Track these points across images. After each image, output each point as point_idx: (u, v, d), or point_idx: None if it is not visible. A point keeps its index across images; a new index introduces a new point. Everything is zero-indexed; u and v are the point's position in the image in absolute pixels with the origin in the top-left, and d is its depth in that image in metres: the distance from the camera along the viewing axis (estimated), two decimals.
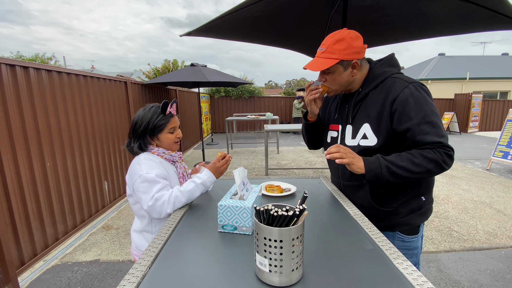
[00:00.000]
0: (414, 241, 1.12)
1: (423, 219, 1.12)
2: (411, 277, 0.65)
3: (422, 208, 1.10)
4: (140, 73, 10.83)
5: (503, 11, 1.82)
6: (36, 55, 12.81)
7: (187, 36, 2.51)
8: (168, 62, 10.21)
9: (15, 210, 2.17)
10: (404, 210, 1.09)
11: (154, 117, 1.18)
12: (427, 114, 0.97)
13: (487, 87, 14.11)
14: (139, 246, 1.23)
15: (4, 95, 2.11)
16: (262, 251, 0.64)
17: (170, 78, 5.03)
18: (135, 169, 1.14)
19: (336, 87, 1.11)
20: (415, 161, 0.95)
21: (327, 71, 1.08)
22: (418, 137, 0.96)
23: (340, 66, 1.05)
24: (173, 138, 1.24)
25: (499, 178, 4.83)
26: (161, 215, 1.08)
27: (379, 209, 1.10)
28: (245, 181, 1.01)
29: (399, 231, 1.11)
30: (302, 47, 3.20)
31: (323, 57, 1.05)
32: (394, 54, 1.13)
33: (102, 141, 3.43)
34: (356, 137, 1.10)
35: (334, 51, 1.03)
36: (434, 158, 0.94)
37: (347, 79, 1.08)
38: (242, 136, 11.06)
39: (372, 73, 1.10)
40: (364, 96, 1.10)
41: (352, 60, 1.05)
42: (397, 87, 1.01)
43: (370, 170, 0.98)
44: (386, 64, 1.11)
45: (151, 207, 1.07)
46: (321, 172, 5.36)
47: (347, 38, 1.02)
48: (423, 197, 1.10)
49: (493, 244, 2.65)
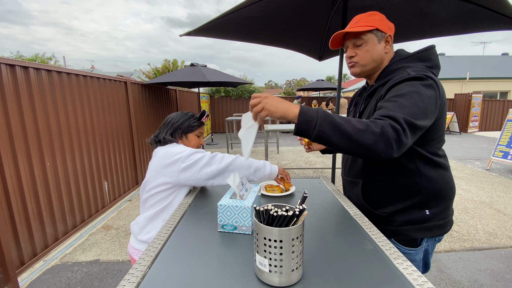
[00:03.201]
0: (411, 253, 1.00)
1: (425, 235, 0.98)
2: (411, 277, 0.65)
3: (424, 222, 0.97)
4: (140, 73, 10.84)
5: (503, 11, 1.82)
6: (36, 55, 12.82)
7: (187, 36, 2.51)
8: (168, 62, 10.22)
9: (15, 210, 2.17)
10: (401, 219, 0.99)
11: (191, 119, 1.37)
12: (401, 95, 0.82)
13: (487, 87, 14.12)
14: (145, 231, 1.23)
15: (4, 95, 2.11)
16: (262, 251, 0.64)
17: (170, 78, 5.03)
18: (175, 151, 1.20)
19: (366, 62, 0.99)
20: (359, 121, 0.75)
21: (360, 42, 0.98)
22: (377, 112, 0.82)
23: (375, 36, 0.97)
24: (198, 141, 1.41)
25: (499, 178, 4.83)
26: (221, 163, 1.17)
27: (371, 212, 1.03)
28: (243, 182, 1.01)
29: (394, 239, 1.01)
30: (302, 47, 3.20)
31: (358, 25, 0.96)
32: (433, 46, 0.98)
33: (102, 141, 3.43)
34: None
35: (369, 21, 0.96)
36: (380, 123, 0.74)
37: (379, 54, 0.98)
38: None
39: (388, 67, 1.00)
40: (374, 91, 1.03)
41: (387, 34, 0.97)
42: (395, 77, 0.91)
43: (303, 113, 0.75)
44: (414, 58, 0.97)
45: (212, 157, 1.18)
46: (321, 172, 5.36)
47: (379, 13, 0.98)
48: (428, 211, 0.96)
49: (493, 244, 2.65)
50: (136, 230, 1.26)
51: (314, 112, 0.75)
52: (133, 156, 4.25)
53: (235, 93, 11.51)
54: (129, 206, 3.71)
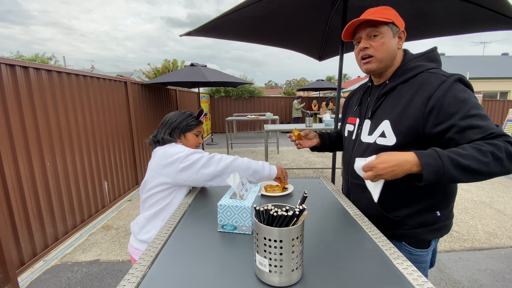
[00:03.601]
0: (423, 255, 1.00)
1: (435, 236, 0.99)
2: (411, 277, 0.65)
3: (435, 224, 0.97)
4: (140, 73, 10.84)
5: (503, 11, 1.82)
6: (36, 55, 12.83)
7: (187, 36, 2.51)
8: (168, 62, 10.22)
9: (15, 210, 2.17)
10: (413, 222, 0.97)
11: (189, 118, 1.37)
12: (472, 107, 0.82)
13: (487, 87, 14.12)
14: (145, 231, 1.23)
15: (4, 95, 2.11)
16: (262, 251, 0.64)
17: (170, 78, 5.03)
18: (173, 151, 1.19)
19: (381, 55, 0.96)
20: (481, 149, 0.75)
21: (375, 33, 0.95)
22: (468, 133, 0.80)
23: (390, 30, 0.95)
24: (196, 140, 1.40)
25: (499, 178, 4.83)
26: (218, 165, 1.16)
27: (384, 216, 1.00)
28: (243, 181, 1.01)
29: (405, 242, 1.00)
30: (302, 47, 3.20)
31: (375, 16, 0.94)
32: (436, 48, 1.00)
33: (102, 141, 3.43)
34: (373, 133, 0.99)
35: (385, 13, 0.94)
36: (502, 145, 0.75)
37: (394, 49, 0.97)
38: (242, 136, 11.06)
39: (405, 65, 0.98)
40: (391, 90, 0.99)
41: (400, 29, 0.97)
42: (433, 83, 0.87)
43: (427, 165, 0.75)
44: (424, 58, 0.98)
45: (209, 159, 1.17)
46: (321, 172, 5.36)
47: (393, 9, 0.97)
48: (438, 212, 0.96)
49: (493, 244, 2.65)
50: (136, 230, 1.26)
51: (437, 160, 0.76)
52: (133, 156, 4.25)
53: (235, 93, 11.51)
54: (129, 206, 3.71)
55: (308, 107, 11.68)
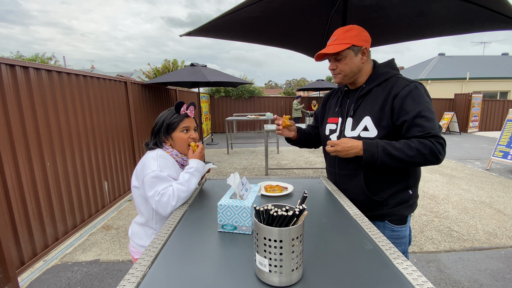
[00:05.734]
0: (403, 230, 1.22)
1: (410, 211, 1.22)
2: (411, 277, 0.65)
3: (409, 201, 1.20)
4: (140, 73, 10.84)
5: (503, 11, 1.82)
6: (36, 55, 12.82)
7: (187, 36, 2.51)
8: (168, 62, 10.21)
9: (15, 210, 2.17)
10: (393, 201, 1.19)
11: (169, 116, 1.26)
12: (423, 110, 1.06)
13: (487, 87, 14.11)
14: (138, 237, 1.24)
15: (4, 95, 2.11)
16: (262, 251, 0.64)
17: (170, 78, 5.03)
18: (149, 163, 1.15)
19: (347, 72, 1.19)
20: (411, 145, 1.03)
21: (339, 57, 1.17)
22: (413, 129, 1.06)
23: (352, 51, 1.15)
24: (186, 138, 1.27)
25: (499, 178, 4.83)
26: (166, 210, 1.10)
27: (371, 198, 1.18)
28: (243, 181, 1.01)
29: (388, 220, 1.21)
30: (303, 47, 3.20)
31: (336, 43, 1.15)
32: (394, 59, 1.25)
33: (102, 141, 3.43)
34: (356, 129, 1.19)
35: (346, 37, 1.14)
36: (428, 144, 1.02)
37: (357, 65, 1.17)
38: (242, 136, 11.05)
39: (377, 72, 1.21)
40: (368, 92, 1.19)
41: (362, 47, 1.15)
42: (399, 85, 1.11)
43: (367, 151, 1.08)
44: (388, 66, 1.23)
45: (157, 202, 1.09)
46: (321, 172, 5.36)
47: (356, 28, 1.16)
48: (410, 191, 1.20)
49: (493, 244, 2.65)
50: (131, 235, 1.29)
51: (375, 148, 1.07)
52: (133, 156, 4.25)
53: (235, 93, 11.51)
54: (129, 206, 3.71)
55: (308, 107, 11.68)
